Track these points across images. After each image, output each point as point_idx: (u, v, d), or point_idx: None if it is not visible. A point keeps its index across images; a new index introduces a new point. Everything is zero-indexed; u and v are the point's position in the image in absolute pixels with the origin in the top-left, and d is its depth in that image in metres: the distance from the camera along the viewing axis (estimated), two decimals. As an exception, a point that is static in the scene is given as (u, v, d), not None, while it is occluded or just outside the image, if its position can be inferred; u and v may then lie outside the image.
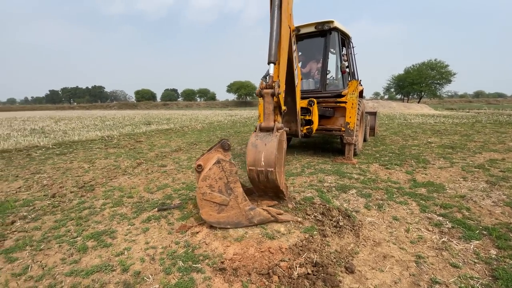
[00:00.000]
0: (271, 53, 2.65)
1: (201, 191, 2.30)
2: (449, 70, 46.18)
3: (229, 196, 2.34)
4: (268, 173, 2.39)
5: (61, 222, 2.61)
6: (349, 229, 2.36)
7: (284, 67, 2.93)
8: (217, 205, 2.34)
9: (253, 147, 2.47)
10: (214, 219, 2.35)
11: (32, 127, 12.70)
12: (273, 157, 2.35)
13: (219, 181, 2.32)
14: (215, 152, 2.43)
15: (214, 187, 2.31)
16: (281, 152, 2.66)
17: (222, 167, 2.30)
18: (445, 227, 2.41)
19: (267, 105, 2.59)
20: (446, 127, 10.35)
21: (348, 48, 5.69)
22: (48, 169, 4.71)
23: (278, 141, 2.44)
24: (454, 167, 4.44)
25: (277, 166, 2.42)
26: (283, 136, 2.69)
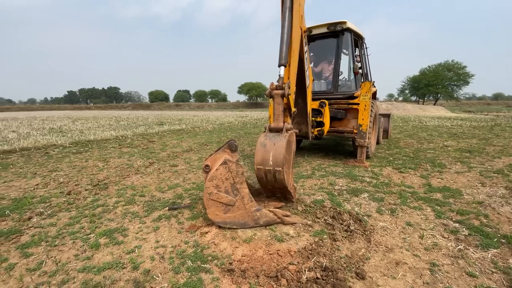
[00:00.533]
0: (282, 56, 2.67)
1: (208, 191, 2.32)
2: (467, 71, 44.61)
3: (235, 196, 2.35)
4: (276, 172, 2.39)
5: (76, 219, 2.69)
6: (360, 233, 2.31)
7: (294, 69, 2.92)
8: (223, 205, 2.35)
9: (261, 146, 2.48)
10: (221, 219, 2.37)
11: (50, 126, 13.18)
12: (281, 157, 2.36)
13: (225, 181, 2.33)
14: (222, 152, 2.45)
15: (221, 187, 2.33)
16: (290, 152, 2.66)
17: (229, 167, 2.31)
18: (461, 234, 2.31)
19: (277, 106, 2.60)
20: (463, 130, 9.99)
21: (361, 49, 5.59)
22: (65, 167, 4.86)
23: (287, 141, 2.45)
24: (471, 172, 4.27)
25: (285, 166, 2.42)
26: (292, 137, 2.68)
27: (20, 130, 11.14)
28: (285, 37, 2.72)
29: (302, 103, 4.03)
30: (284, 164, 2.40)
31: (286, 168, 2.46)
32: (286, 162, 2.45)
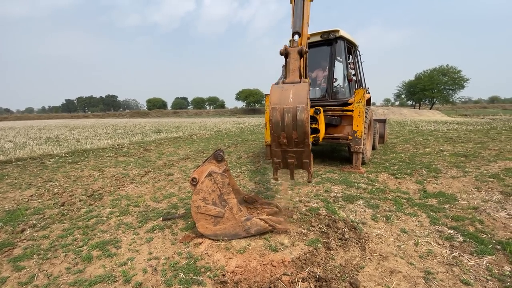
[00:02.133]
0: (295, 25, 2.63)
1: (195, 204, 2.31)
2: (462, 75, 45.21)
3: (223, 208, 2.34)
4: (298, 111, 1.90)
5: (69, 231, 2.66)
6: (355, 242, 2.30)
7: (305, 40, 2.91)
8: (212, 218, 2.34)
9: (278, 88, 2.08)
10: (211, 232, 2.35)
11: (47, 135, 13.14)
12: (305, 93, 1.93)
13: (212, 193, 2.33)
14: (209, 164, 2.45)
15: (208, 199, 2.32)
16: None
17: (214, 179, 2.31)
18: (456, 241, 2.31)
19: (293, 61, 2.26)
20: (459, 134, 10.06)
21: (355, 56, 5.67)
22: (60, 177, 4.83)
23: (307, 85, 2.05)
24: (467, 176, 4.29)
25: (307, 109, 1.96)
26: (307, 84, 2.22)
27: (17, 140, 11.09)
28: (298, 10, 2.81)
29: None
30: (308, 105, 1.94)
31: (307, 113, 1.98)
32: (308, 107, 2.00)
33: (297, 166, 2.33)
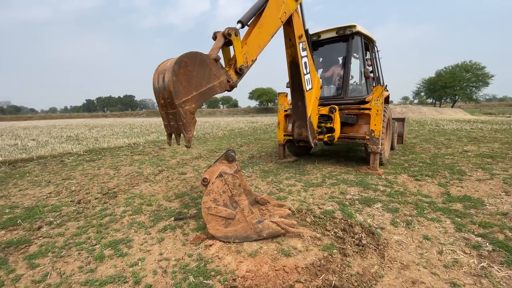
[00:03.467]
0: (245, 16, 2.70)
1: (206, 205, 2.26)
2: (486, 72, 42.90)
3: (235, 209, 2.29)
4: (165, 71, 2.02)
5: (83, 229, 2.69)
6: (373, 248, 2.17)
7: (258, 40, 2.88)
8: (223, 219, 2.29)
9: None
10: (222, 234, 2.30)
11: (68, 134, 13.65)
12: (177, 58, 2.03)
13: (223, 194, 2.27)
14: (220, 164, 2.41)
15: (219, 201, 2.27)
16: (201, 74, 2.18)
17: (225, 180, 2.26)
18: (484, 249, 2.13)
19: (216, 42, 2.42)
20: (484, 134, 9.50)
21: (372, 53, 5.44)
22: (78, 175, 4.96)
23: (196, 52, 2.13)
24: (494, 179, 4.01)
25: (181, 71, 2.03)
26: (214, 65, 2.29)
27: (40, 138, 11.59)
28: (253, 7, 2.81)
29: (301, 107, 4.10)
30: (181, 68, 2.02)
31: (183, 78, 2.06)
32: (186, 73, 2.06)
33: (178, 130, 2.30)
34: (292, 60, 3.81)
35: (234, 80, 2.57)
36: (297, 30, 3.59)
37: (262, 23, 2.92)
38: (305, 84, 3.92)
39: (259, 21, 2.89)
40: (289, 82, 4.07)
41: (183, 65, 2.03)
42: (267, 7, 2.95)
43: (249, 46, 2.77)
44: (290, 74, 3.98)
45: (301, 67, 3.80)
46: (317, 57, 5.75)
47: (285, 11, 3.24)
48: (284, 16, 3.24)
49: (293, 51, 3.72)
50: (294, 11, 3.45)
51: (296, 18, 3.57)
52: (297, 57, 3.72)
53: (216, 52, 2.32)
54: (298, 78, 3.86)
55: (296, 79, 3.90)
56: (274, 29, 3.09)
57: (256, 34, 2.86)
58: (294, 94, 4.13)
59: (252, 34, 2.83)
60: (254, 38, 2.84)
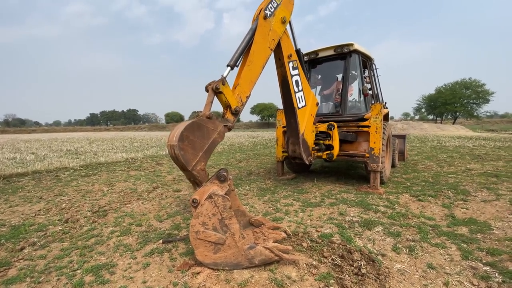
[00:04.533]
0: (232, 58, 2.81)
1: (194, 229, 2.11)
2: (486, 89, 43.19)
3: (225, 234, 2.15)
4: (174, 148, 2.31)
5: (67, 251, 2.55)
6: (373, 278, 2.01)
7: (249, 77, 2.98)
8: (212, 245, 2.14)
9: (176, 127, 2.52)
10: (210, 260, 2.14)
11: (68, 148, 13.62)
12: (179, 131, 2.31)
13: (212, 217, 2.14)
14: (211, 184, 2.28)
15: (208, 224, 2.13)
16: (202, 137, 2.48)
17: (215, 202, 2.14)
18: (494, 281, 1.96)
19: (207, 97, 2.63)
20: (487, 151, 9.35)
21: (371, 70, 5.44)
22: (70, 191, 4.84)
23: (192, 122, 2.42)
24: (500, 200, 3.85)
25: (185, 143, 2.33)
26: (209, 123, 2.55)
27: (39, 152, 11.55)
28: (240, 47, 2.88)
29: (294, 124, 4.07)
30: (184, 141, 2.31)
31: (189, 147, 2.36)
32: (189, 142, 2.36)
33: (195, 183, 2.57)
34: (283, 79, 3.81)
35: (232, 121, 2.77)
36: (285, 50, 3.61)
37: (251, 59, 2.97)
38: (297, 101, 3.92)
39: (248, 59, 2.93)
40: (282, 99, 4.06)
41: (185, 138, 2.32)
42: (254, 42, 2.98)
43: (242, 86, 2.89)
44: (282, 92, 3.97)
45: (291, 86, 3.81)
46: (315, 74, 5.76)
47: (273, 38, 3.25)
48: (273, 43, 3.26)
49: (283, 71, 3.73)
50: (283, 32, 3.45)
51: (285, 39, 3.57)
52: (287, 76, 3.74)
53: (209, 108, 2.57)
54: (289, 96, 3.87)
55: (287, 97, 3.91)
56: (264, 60, 3.13)
57: (247, 72, 2.94)
58: (286, 111, 4.11)
59: (243, 73, 2.91)
60: (246, 77, 2.93)
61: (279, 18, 3.29)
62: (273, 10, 3.21)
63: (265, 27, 3.12)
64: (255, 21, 3.10)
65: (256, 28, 3.01)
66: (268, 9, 3.15)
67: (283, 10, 3.34)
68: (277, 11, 3.25)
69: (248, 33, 2.99)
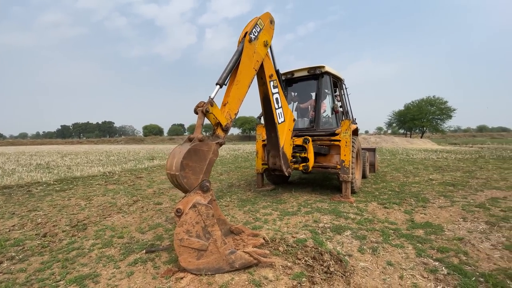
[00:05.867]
0: (220, 77, 3.01)
1: (178, 237, 2.24)
2: (449, 106, 47.11)
3: (207, 240, 2.30)
4: (176, 177, 2.45)
5: (47, 264, 2.57)
6: (340, 275, 2.26)
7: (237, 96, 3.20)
8: (195, 251, 2.29)
9: (172, 152, 2.63)
10: (194, 266, 2.28)
11: (38, 162, 12.96)
12: (179, 160, 2.44)
13: (196, 225, 2.29)
14: (194, 194, 2.44)
15: (192, 232, 2.27)
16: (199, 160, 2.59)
17: (198, 211, 2.29)
18: (440, 273, 2.30)
19: (198, 119, 2.77)
20: (448, 163, 10.26)
21: (341, 90, 5.97)
22: (45, 206, 4.72)
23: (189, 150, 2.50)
24: (454, 206, 4.34)
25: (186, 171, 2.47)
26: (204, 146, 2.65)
27: (6, 166, 10.90)
28: (228, 66, 3.11)
29: (274, 138, 4.38)
30: (185, 170, 2.45)
31: (190, 174, 2.49)
32: (189, 168, 2.50)
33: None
34: (265, 96, 4.13)
35: (223, 137, 2.94)
36: (267, 70, 3.92)
37: (239, 79, 3.19)
38: (277, 117, 4.24)
39: (236, 78, 3.16)
40: (263, 115, 4.36)
41: (185, 166, 2.44)
42: (241, 63, 3.23)
43: (231, 103, 3.08)
44: (263, 108, 4.28)
45: (273, 103, 4.13)
46: (292, 91, 6.19)
47: (257, 59, 3.53)
48: (257, 65, 3.53)
49: (265, 89, 4.04)
50: (265, 55, 3.75)
51: (267, 60, 3.87)
52: (269, 94, 4.05)
53: (200, 130, 2.73)
54: (270, 112, 4.17)
55: (269, 113, 4.21)
56: (250, 80, 3.38)
57: (235, 91, 3.15)
58: (267, 126, 4.40)
59: (232, 92, 3.11)
60: (234, 95, 3.13)
61: (262, 41, 3.59)
62: (257, 34, 3.49)
63: (250, 50, 3.38)
64: (240, 43, 3.37)
65: (242, 50, 3.26)
66: (253, 33, 3.42)
67: (265, 35, 3.64)
68: (260, 35, 3.54)
69: (235, 54, 3.24)
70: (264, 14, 3.71)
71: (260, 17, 3.61)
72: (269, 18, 3.75)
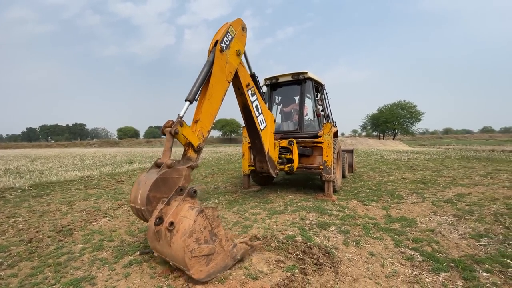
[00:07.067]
0: (190, 92, 2.78)
1: (189, 249, 2.04)
2: (418, 110, 50.29)
3: (214, 242, 2.24)
4: (142, 212, 2.25)
5: (39, 269, 2.52)
6: (328, 266, 2.47)
7: (210, 110, 3.02)
8: (205, 258, 2.18)
9: (137, 183, 2.41)
10: (205, 274, 2.18)
11: (6, 166, 12.10)
12: (145, 194, 2.23)
13: (204, 231, 2.17)
14: (183, 202, 2.26)
15: (201, 239, 2.15)
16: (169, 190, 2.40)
17: (206, 215, 2.17)
18: (416, 260, 2.58)
19: (166, 142, 2.54)
20: (418, 163, 11.04)
21: (322, 94, 6.30)
22: (24, 212, 4.52)
23: (156, 180, 2.31)
24: (425, 202, 4.75)
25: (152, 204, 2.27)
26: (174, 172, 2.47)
27: (-32, 172, 10.09)
28: (199, 80, 2.88)
29: (259, 144, 4.43)
30: (152, 203, 2.24)
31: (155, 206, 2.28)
32: (157, 200, 2.29)
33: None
34: (244, 106, 4.07)
35: (195, 158, 2.72)
36: (243, 80, 3.77)
37: (211, 93, 2.97)
38: (259, 124, 4.22)
39: (207, 93, 2.94)
40: (244, 123, 4.36)
41: (152, 199, 2.24)
42: (213, 76, 3.00)
43: (203, 121, 2.87)
44: (244, 117, 4.25)
45: (253, 111, 4.07)
46: (276, 95, 6.41)
47: (230, 70, 3.32)
48: (230, 76, 3.32)
49: (243, 98, 3.93)
50: (239, 63, 3.55)
51: (242, 69, 3.70)
52: (248, 103, 3.96)
53: (169, 155, 2.50)
54: (252, 120, 4.14)
55: (250, 121, 4.18)
56: (223, 93, 3.18)
57: (207, 106, 2.94)
58: (250, 134, 4.42)
59: (203, 108, 2.88)
60: (206, 111, 2.91)
61: (234, 51, 3.38)
62: (229, 43, 3.26)
63: (222, 60, 3.16)
64: (211, 53, 3.11)
65: (213, 61, 3.02)
66: (224, 42, 3.18)
67: (237, 43, 3.43)
68: (232, 43, 3.31)
69: (205, 66, 2.99)
70: (235, 20, 3.47)
71: (231, 23, 3.37)
72: (241, 25, 3.52)
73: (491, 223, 3.55)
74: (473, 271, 2.35)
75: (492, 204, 4.49)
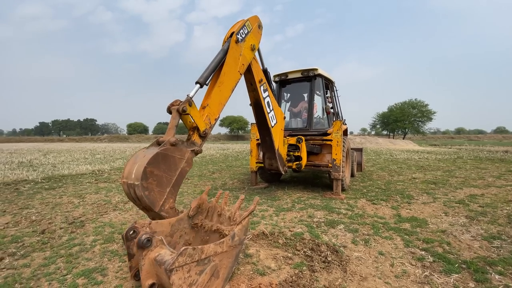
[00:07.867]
0: (202, 75, 2.68)
1: None
2: (429, 109, 49.20)
3: (210, 262, 1.84)
4: (135, 187, 1.94)
5: (51, 259, 2.59)
6: (337, 264, 2.45)
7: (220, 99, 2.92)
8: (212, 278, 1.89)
9: (132, 158, 2.11)
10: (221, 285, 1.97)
11: (19, 160, 12.47)
12: (142, 168, 1.94)
13: (191, 273, 1.68)
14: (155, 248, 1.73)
15: (193, 278, 1.71)
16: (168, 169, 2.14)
17: (185, 261, 1.64)
18: (427, 261, 2.53)
19: (171, 119, 2.36)
20: (429, 163, 10.81)
21: (332, 91, 6.22)
22: (37, 204, 4.64)
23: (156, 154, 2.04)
24: (436, 202, 4.66)
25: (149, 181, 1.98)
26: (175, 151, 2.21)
27: (-15, 164, 10.43)
28: (211, 65, 2.82)
29: (269, 141, 4.41)
30: (148, 179, 1.96)
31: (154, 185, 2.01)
32: (154, 178, 2.01)
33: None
34: (256, 102, 4.03)
35: (199, 144, 2.52)
36: (256, 75, 3.76)
37: (222, 80, 2.91)
38: (270, 121, 4.18)
39: (219, 79, 2.87)
40: (255, 120, 4.32)
41: (149, 175, 1.96)
42: (226, 64, 2.96)
43: (211, 107, 2.76)
44: (255, 114, 4.20)
45: (265, 108, 4.04)
46: (285, 92, 6.37)
47: (243, 63, 3.29)
48: (242, 68, 3.28)
49: (256, 94, 3.91)
50: (252, 58, 3.54)
51: (255, 65, 3.70)
52: (260, 99, 3.94)
53: (173, 132, 2.28)
54: (263, 117, 4.11)
55: (261, 117, 4.15)
56: (234, 83, 3.12)
57: (217, 92, 2.86)
58: (261, 130, 4.38)
59: (213, 94, 2.80)
60: (216, 98, 2.83)
61: (249, 45, 3.40)
62: (244, 36, 3.28)
63: (236, 51, 3.16)
64: (226, 42, 3.11)
65: (228, 50, 3.00)
66: (240, 34, 3.20)
67: (252, 38, 3.47)
68: (247, 37, 3.35)
69: (219, 53, 2.95)
70: (252, 17, 3.52)
71: (248, 19, 3.42)
72: (257, 22, 3.59)
73: (504, 225, 3.46)
74: (485, 273, 2.30)
75: (505, 206, 4.36)
